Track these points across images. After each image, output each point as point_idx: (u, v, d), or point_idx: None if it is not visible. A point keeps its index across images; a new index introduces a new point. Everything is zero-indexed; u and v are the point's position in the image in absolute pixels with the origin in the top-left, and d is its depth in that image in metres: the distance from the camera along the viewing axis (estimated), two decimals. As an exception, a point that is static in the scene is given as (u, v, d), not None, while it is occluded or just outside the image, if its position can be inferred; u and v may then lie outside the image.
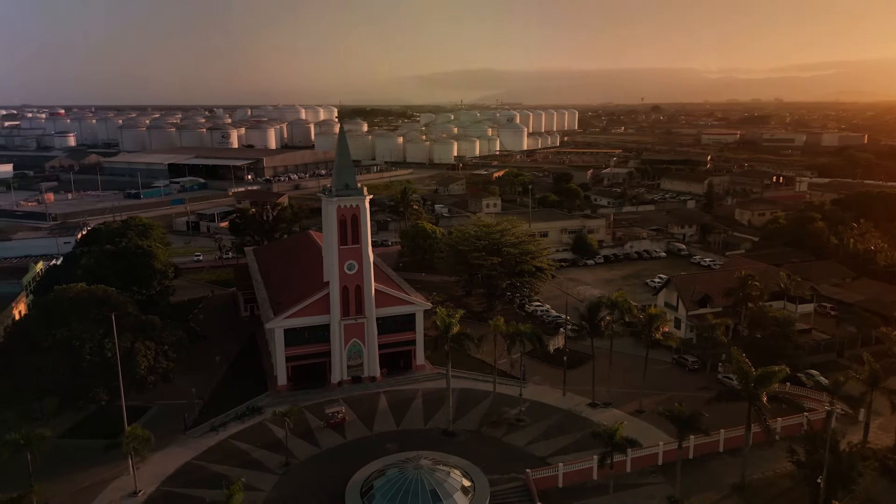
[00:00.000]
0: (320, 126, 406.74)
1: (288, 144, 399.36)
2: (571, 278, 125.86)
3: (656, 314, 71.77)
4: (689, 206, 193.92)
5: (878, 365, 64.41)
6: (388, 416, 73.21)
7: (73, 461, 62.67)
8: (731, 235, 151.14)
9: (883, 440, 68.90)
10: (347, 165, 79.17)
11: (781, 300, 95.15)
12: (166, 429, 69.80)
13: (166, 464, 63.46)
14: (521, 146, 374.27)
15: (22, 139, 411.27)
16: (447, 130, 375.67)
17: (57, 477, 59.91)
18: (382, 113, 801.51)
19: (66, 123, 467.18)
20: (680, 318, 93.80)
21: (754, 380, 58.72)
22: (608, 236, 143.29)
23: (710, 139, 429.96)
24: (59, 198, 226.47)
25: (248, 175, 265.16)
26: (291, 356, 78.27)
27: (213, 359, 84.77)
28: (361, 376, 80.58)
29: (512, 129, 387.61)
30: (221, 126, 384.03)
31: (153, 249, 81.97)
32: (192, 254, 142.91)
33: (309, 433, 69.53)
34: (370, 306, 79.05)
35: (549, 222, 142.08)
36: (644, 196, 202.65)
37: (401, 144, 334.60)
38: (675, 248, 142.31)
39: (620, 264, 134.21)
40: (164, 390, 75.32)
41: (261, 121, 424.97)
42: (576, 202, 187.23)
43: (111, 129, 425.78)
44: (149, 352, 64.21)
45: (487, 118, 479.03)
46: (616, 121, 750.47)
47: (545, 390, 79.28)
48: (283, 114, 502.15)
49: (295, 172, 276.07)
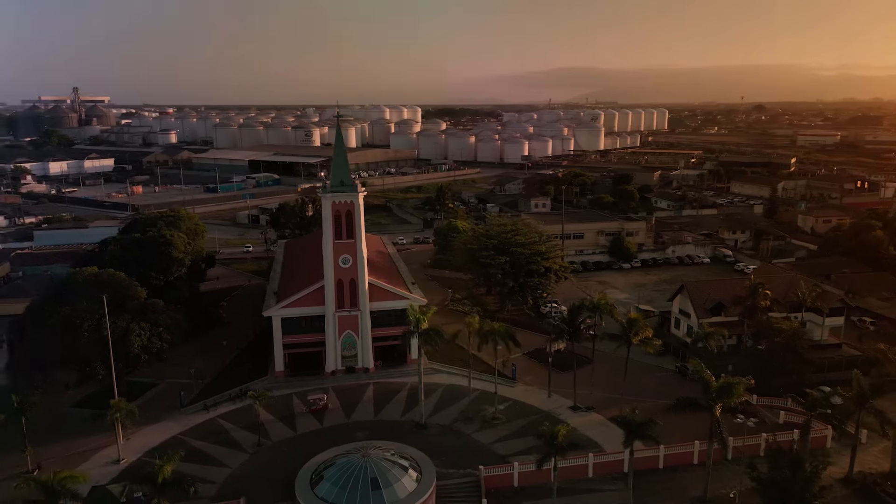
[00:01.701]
0: (399, 125, 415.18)
1: (369, 143, 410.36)
2: (602, 281, 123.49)
3: (635, 319, 69.90)
4: (756, 210, 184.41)
5: (867, 384, 60.07)
6: (370, 406, 75.56)
7: (75, 429, 68.70)
8: (788, 243, 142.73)
9: (882, 465, 64.26)
10: (343, 163, 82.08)
11: (808, 312, 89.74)
12: (166, 405, 75.42)
13: (154, 437, 68.59)
14: (597, 146, 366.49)
15: (130, 136, 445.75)
16: (521, 130, 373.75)
17: (54, 443, 66.21)
18: (470, 112, 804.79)
19: (171, 122, 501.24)
20: (692, 326, 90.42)
21: (715, 391, 56.46)
22: (649, 240, 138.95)
23: (807, 141, 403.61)
24: (148, 190, 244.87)
25: (320, 172, 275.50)
26: (289, 344, 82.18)
27: (228, 343, 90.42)
28: (355, 367, 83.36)
29: (587, 129, 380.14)
30: (305, 125, 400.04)
31: (172, 239, 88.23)
32: (244, 245, 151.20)
33: (290, 417, 73.01)
34: (364, 300, 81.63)
35: (586, 223, 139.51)
36: (707, 199, 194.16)
37: (472, 144, 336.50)
38: (721, 253, 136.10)
39: (658, 269, 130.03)
40: (174, 369, 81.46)
41: (344, 120, 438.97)
42: (631, 204, 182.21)
43: (209, 128, 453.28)
44: (143, 332, 69.72)
45: (571, 117, 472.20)
46: (711, 120, 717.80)
47: (533, 391, 79.04)
48: (369, 113, 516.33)
49: (366, 170, 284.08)
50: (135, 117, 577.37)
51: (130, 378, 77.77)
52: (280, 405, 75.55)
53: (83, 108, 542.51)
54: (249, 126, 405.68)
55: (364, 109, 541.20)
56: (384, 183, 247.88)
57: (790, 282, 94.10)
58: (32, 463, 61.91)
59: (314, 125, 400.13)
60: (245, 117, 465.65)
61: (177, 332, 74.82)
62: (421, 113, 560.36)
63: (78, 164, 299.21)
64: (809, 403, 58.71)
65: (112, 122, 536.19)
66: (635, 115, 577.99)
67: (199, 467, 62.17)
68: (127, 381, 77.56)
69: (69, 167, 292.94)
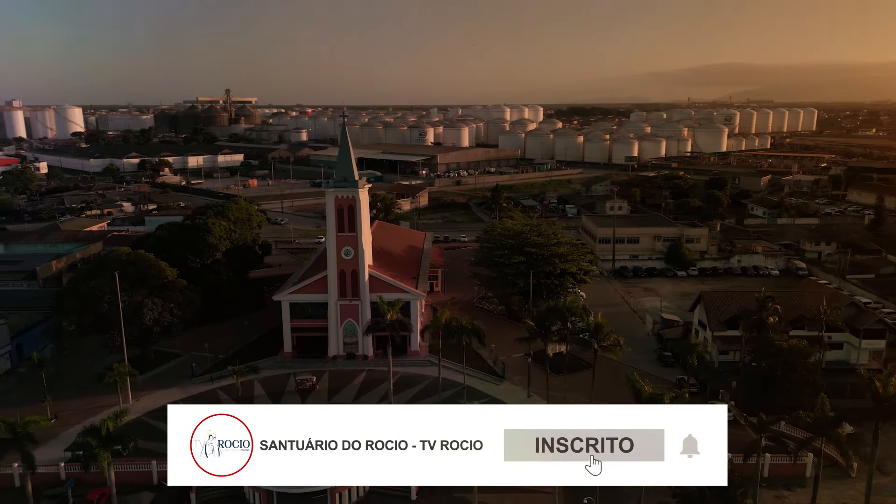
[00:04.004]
0: (513, 125, 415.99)
1: (483, 143, 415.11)
2: (648, 288, 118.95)
3: (601, 324, 67.97)
4: (868, 221, 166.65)
5: (829, 409, 54.76)
6: (353, 391, 79.55)
7: (95, 389, 78.38)
8: (882, 258, 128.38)
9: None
10: (347, 160, 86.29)
11: (842, 332, 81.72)
12: (181, 374, 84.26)
13: (158, 400, 76.90)
14: (718, 147, 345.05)
15: (268, 134, 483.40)
16: (636, 129, 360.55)
17: (75, 398, 76.35)
18: (602, 112, 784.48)
19: (305, 121, 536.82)
20: (707, 338, 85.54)
21: (646, 400, 54.31)
22: (712, 247, 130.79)
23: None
24: (262, 184, 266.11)
25: (422, 171, 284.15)
26: (296, 328, 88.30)
27: (256, 324, 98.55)
28: (356, 353, 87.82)
29: (707, 130, 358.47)
30: (419, 124, 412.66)
31: (209, 226, 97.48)
32: (317, 236, 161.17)
33: (279, 394, 78.76)
34: (364, 290, 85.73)
35: (642, 227, 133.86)
36: (809, 207, 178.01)
37: (580, 143, 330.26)
38: (794, 266, 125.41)
39: (716, 279, 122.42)
40: (200, 344, 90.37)
41: (456, 120, 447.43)
42: (718, 210, 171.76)
43: (337, 127, 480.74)
44: (155, 307, 78.40)
45: (702, 117, 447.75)
46: (873, 121, 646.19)
47: (516, 390, 79.25)
48: (490, 113, 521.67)
49: (466, 169, 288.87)
50: (276, 117, 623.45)
51: (157, 348, 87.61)
52: (277, 383, 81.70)
53: (233, 108, 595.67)
54: (370, 125, 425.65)
55: (486, 109, 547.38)
56: (476, 182, 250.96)
57: (831, 298, 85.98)
58: (51, 413, 72.24)
59: (429, 124, 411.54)
60: (370, 117, 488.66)
61: (189, 309, 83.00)
62: (543, 112, 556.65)
63: (212, 158, 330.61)
64: (759, 424, 54.45)
65: (258, 121, 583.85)
66: (778, 114, 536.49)
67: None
68: (154, 351, 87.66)
69: (204, 161, 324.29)
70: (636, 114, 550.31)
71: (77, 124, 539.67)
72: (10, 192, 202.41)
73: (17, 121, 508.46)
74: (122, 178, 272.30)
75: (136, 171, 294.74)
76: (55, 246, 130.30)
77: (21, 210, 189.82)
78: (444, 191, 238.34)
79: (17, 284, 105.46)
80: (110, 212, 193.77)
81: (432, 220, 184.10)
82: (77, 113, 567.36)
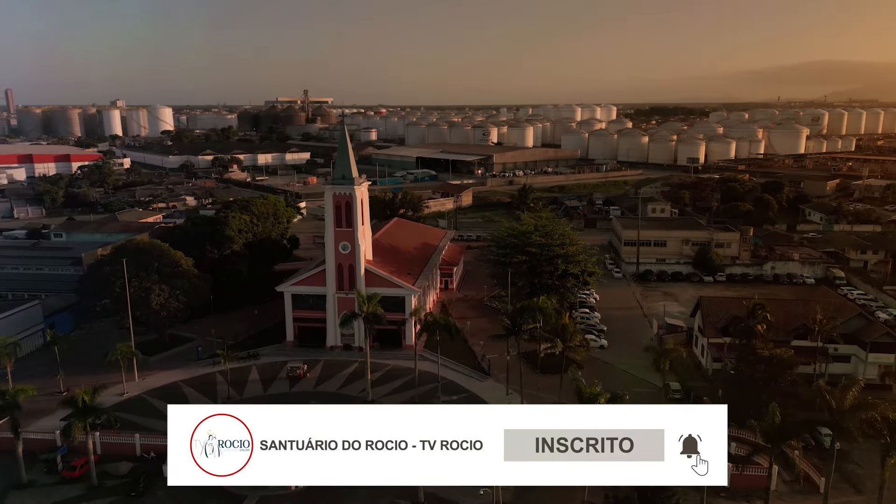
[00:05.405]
0: (579, 125, 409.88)
1: (549, 143, 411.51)
2: (668, 292, 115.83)
3: (566, 324, 67.48)
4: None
5: (779, 418, 52.47)
6: (340, 380, 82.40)
7: (106, 366, 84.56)
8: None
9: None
10: (346, 158, 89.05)
11: (850, 344, 77.42)
12: (189, 358, 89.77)
13: (160, 380, 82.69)
14: (796, 149, 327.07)
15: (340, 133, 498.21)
16: (707, 130, 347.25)
17: (87, 374, 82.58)
18: (685, 112, 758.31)
19: (376, 121, 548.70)
20: (704, 345, 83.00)
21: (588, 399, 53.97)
22: (745, 253, 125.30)
23: None
24: (321, 181, 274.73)
25: (478, 170, 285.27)
26: (298, 318, 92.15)
27: (272, 313, 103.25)
28: (352, 345, 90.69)
29: (784, 130, 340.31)
30: (483, 124, 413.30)
31: (228, 220, 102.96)
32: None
33: (271, 381, 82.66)
34: (360, 284, 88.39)
35: (669, 231, 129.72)
36: (871, 214, 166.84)
37: (645, 144, 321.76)
38: (832, 274, 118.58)
39: (743, 286, 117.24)
40: (216, 329, 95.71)
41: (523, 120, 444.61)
42: (768, 214, 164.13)
43: (405, 126, 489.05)
44: (162, 293, 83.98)
45: (786, 117, 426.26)
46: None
47: (497, 387, 79.85)
48: (560, 112, 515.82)
49: (523, 169, 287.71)
50: (350, 117, 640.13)
51: (173, 332, 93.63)
52: (272, 369, 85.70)
53: (310, 108, 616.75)
54: (436, 125, 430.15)
55: (556, 108, 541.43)
56: (529, 182, 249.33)
57: (839, 308, 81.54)
58: (63, 386, 79.01)
59: (493, 124, 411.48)
60: (438, 116, 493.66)
61: (196, 296, 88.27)
62: (617, 112, 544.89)
63: (281, 156, 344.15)
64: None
65: (333, 121, 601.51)
66: (872, 115, 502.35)
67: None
68: (169, 335, 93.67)
69: (273, 159, 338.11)
70: (716, 113, 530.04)
71: (167, 123, 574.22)
72: (87, 185, 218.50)
73: (114, 120, 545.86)
74: (195, 174, 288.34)
75: (209, 167, 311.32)
76: (110, 235, 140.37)
77: (95, 202, 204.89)
78: (494, 190, 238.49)
79: (64, 269, 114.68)
80: (174, 205, 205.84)
81: (472, 220, 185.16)
82: (167, 112, 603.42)
